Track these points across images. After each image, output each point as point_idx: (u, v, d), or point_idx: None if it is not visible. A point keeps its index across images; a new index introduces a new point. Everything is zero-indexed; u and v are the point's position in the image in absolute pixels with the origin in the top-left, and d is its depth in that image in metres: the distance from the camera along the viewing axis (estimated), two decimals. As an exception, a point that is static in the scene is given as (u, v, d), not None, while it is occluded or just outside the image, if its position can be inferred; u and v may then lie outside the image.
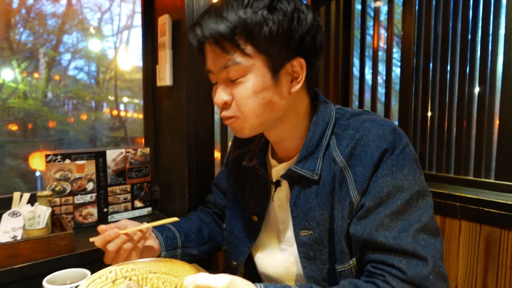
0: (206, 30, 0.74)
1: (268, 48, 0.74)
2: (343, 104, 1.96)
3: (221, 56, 0.75)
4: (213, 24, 0.73)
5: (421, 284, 0.69)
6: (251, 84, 0.75)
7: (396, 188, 0.73)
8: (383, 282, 0.70)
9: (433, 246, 0.72)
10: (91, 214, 1.42)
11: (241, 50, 0.74)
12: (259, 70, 0.75)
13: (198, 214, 1.18)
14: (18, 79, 1.49)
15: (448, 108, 1.53)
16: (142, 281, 0.82)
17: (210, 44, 0.76)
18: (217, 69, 0.78)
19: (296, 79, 0.79)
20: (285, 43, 0.75)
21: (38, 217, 1.15)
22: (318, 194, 0.83)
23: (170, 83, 1.46)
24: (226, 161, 1.14)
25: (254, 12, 0.72)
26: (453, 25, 1.52)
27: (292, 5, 0.75)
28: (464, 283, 1.33)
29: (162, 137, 1.62)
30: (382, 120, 0.81)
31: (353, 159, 0.78)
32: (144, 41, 1.64)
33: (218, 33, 0.73)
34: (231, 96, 0.78)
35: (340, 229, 0.79)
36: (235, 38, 0.73)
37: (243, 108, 0.77)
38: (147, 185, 1.58)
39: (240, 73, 0.75)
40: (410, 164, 0.76)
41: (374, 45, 1.85)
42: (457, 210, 1.32)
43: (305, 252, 0.86)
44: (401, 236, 0.71)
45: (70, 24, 1.60)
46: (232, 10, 0.73)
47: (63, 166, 1.34)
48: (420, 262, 0.70)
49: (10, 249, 1.06)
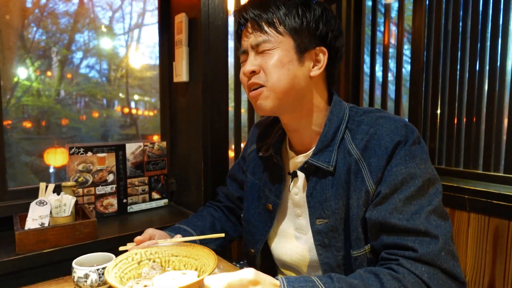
0: (250, 12, 0.88)
1: (297, 31, 0.86)
2: (353, 101, 1.99)
3: (258, 33, 0.87)
4: (256, 8, 0.88)
5: (434, 261, 0.73)
6: (278, 56, 0.86)
7: (410, 176, 0.79)
8: (397, 266, 0.74)
9: (443, 227, 0.77)
10: (112, 205, 1.49)
11: (275, 28, 0.86)
12: (286, 47, 0.86)
13: (208, 209, 1.23)
14: (32, 77, 1.53)
15: (458, 104, 1.55)
16: (165, 263, 0.88)
17: (251, 23, 0.89)
18: (251, 45, 0.89)
19: (318, 64, 0.90)
20: (312, 32, 0.88)
21: (64, 205, 1.21)
22: (333, 184, 0.89)
23: (186, 79, 1.52)
24: (243, 154, 1.20)
25: (290, 1, 0.87)
26: (463, 21, 1.54)
27: (322, 6, 0.90)
28: (473, 274, 1.36)
29: (178, 131, 1.68)
30: (394, 117, 0.87)
31: (368, 151, 0.84)
32: (160, 38, 1.70)
33: (259, 15, 0.87)
34: (259, 67, 0.88)
35: (355, 217, 0.85)
36: (272, 20, 0.86)
37: (269, 75, 0.87)
38: (164, 177, 1.64)
39: (270, 46, 0.86)
40: (421, 154, 0.82)
41: (384, 42, 1.88)
42: (465, 203, 1.35)
43: (321, 240, 0.91)
44: (414, 217, 0.77)
45: (82, 22, 1.64)
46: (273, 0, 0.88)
47: (85, 159, 1.41)
48: (432, 240, 0.75)
49: (39, 234, 1.13)
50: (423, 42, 1.66)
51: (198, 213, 1.21)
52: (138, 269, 0.85)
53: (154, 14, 1.79)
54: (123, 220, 1.48)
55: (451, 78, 1.58)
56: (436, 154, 1.63)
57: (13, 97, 1.41)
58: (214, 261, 0.80)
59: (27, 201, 1.26)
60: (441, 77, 1.61)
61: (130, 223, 1.44)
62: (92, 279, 0.86)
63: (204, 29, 1.42)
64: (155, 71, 1.81)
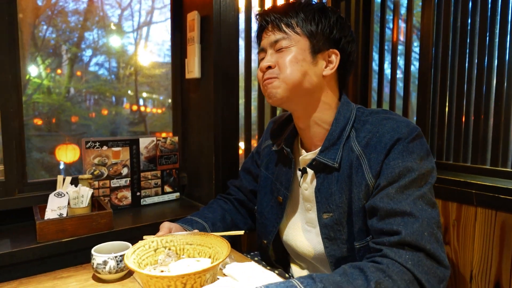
0: (271, 15, 0.97)
1: (313, 34, 0.94)
2: (362, 99, 2.01)
3: (277, 33, 0.95)
4: (278, 12, 0.97)
5: (417, 241, 0.75)
6: (293, 53, 0.93)
7: (406, 169, 0.83)
8: (381, 257, 0.76)
9: (429, 213, 0.80)
10: (126, 197, 1.54)
11: (293, 29, 0.94)
12: (301, 46, 0.94)
13: (219, 202, 1.26)
14: (42, 75, 1.56)
15: (466, 100, 1.56)
16: (180, 251, 0.92)
17: (271, 24, 0.97)
18: (270, 43, 0.97)
19: (330, 65, 0.97)
20: (327, 36, 0.95)
21: (81, 197, 1.26)
22: (338, 180, 0.93)
23: (198, 76, 1.55)
24: (257, 149, 1.25)
25: (308, 8, 0.96)
26: (471, 18, 1.55)
27: (337, 14, 0.98)
28: (479, 269, 1.38)
29: (190, 126, 1.72)
30: (399, 118, 0.92)
31: (369, 148, 0.89)
32: (173, 36, 1.73)
33: (279, 17, 0.95)
34: (275, 63, 0.96)
35: (357, 210, 0.89)
36: (291, 22, 0.94)
37: (282, 69, 0.94)
38: (176, 171, 1.69)
39: (287, 44, 0.94)
40: (419, 151, 0.86)
41: (393, 39, 1.89)
42: (473, 197, 1.37)
43: (327, 233, 0.95)
44: (402, 201, 0.80)
45: (92, 20, 1.66)
46: (293, 5, 0.97)
47: (100, 152, 1.46)
48: (416, 221, 0.78)
49: (58, 224, 1.18)
50: (431, 39, 1.67)
51: (209, 205, 1.25)
52: (154, 256, 0.89)
53: (163, 12, 1.82)
54: (136, 212, 1.52)
55: (460, 74, 1.59)
56: (444, 150, 1.65)
57: (24, 94, 1.44)
58: (227, 249, 0.83)
59: (46, 193, 1.32)
60: (450, 73, 1.62)
61: (144, 215, 1.49)
62: (110, 266, 0.91)
63: (216, 26, 1.46)
64: (163, 69, 1.84)
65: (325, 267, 1.02)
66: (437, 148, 1.66)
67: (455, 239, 1.45)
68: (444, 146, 1.65)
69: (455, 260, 1.46)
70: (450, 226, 1.46)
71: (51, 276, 0.95)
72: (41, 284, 0.91)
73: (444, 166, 1.61)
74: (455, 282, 1.46)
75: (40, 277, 0.94)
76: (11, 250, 1.10)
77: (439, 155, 1.66)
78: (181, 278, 0.71)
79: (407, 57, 1.80)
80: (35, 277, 0.94)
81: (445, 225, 1.48)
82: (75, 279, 0.94)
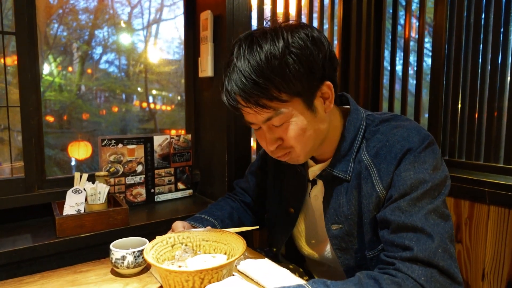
0: (239, 95, 0.80)
1: (299, 89, 0.80)
2: (373, 97, 2.01)
3: (262, 112, 0.81)
4: (244, 88, 0.78)
5: (431, 258, 0.73)
6: (296, 125, 0.83)
7: (418, 181, 0.79)
8: (395, 271, 0.75)
9: (441, 227, 0.76)
10: (140, 194, 1.57)
11: (278, 100, 0.79)
12: (299, 111, 0.82)
13: (227, 200, 1.26)
14: (54, 72, 1.58)
15: (479, 98, 1.55)
16: (196, 247, 0.94)
17: (248, 105, 0.81)
18: (260, 121, 0.84)
19: (327, 99, 0.87)
20: (311, 78, 0.81)
21: (98, 193, 1.29)
22: (347, 191, 0.92)
23: (211, 74, 1.57)
24: (263, 154, 1.22)
25: (277, 62, 0.76)
26: (485, 13, 1.53)
27: (304, 38, 0.79)
28: (492, 267, 1.38)
29: (203, 124, 1.74)
30: (409, 124, 0.88)
31: (378, 158, 0.86)
32: (186, 35, 1.75)
33: (253, 95, 0.78)
34: (280, 140, 0.87)
35: (367, 221, 0.88)
36: (269, 93, 0.78)
37: (295, 145, 0.86)
38: (189, 168, 1.71)
39: (284, 119, 0.82)
40: (431, 160, 0.82)
41: (405, 35, 1.88)
42: (486, 196, 1.37)
43: (338, 244, 0.95)
44: (413, 215, 0.77)
45: (102, 18, 1.68)
46: (254, 67, 0.76)
47: (116, 150, 1.49)
48: (428, 238, 0.74)
49: (76, 220, 1.21)
50: (444, 35, 1.66)
51: (217, 203, 1.25)
52: (171, 251, 0.91)
53: (172, 9, 1.83)
54: (151, 208, 1.55)
55: (473, 71, 1.58)
56: (456, 148, 1.64)
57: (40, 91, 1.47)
58: (242, 246, 0.85)
59: (63, 189, 1.35)
60: (463, 70, 1.61)
61: (158, 212, 1.52)
62: (129, 261, 0.93)
63: (229, 25, 1.47)
64: (172, 66, 1.86)
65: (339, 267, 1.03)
66: (449, 146, 1.65)
67: (467, 237, 1.45)
68: (457, 143, 1.64)
69: (467, 259, 1.46)
70: (462, 224, 1.46)
71: (71, 270, 0.98)
72: (62, 277, 0.94)
73: (457, 164, 1.61)
74: (467, 281, 1.46)
75: (61, 271, 0.98)
76: (33, 245, 1.14)
77: (451, 153, 1.65)
78: (199, 273, 0.73)
79: (419, 53, 1.79)
80: (56, 271, 0.97)
81: (457, 223, 1.48)
82: (94, 273, 0.97)
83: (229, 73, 0.81)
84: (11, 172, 1.40)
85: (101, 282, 0.92)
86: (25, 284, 0.90)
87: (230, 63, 0.82)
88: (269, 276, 0.90)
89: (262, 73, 0.76)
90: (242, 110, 0.85)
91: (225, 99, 0.84)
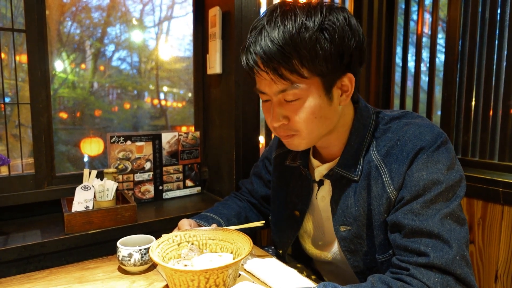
0: (260, 57, 0.76)
1: (323, 69, 0.77)
2: (384, 93, 1.97)
3: (278, 81, 0.77)
4: (268, 51, 0.75)
5: (448, 266, 0.70)
6: (309, 106, 0.79)
7: (432, 182, 0.76)
8: (409, 277, 0.72)
9: (457, 232, 0.73)
10: (149, 191, 1.57)
11: (299, 74, 0.76)
12: (315, 92, 0.79)
13: (233, 199, 1.25)
14: (67, 70, 1.60)
15: (494, 95, 1.52)
16: (202, 246, 0.94)
17: (266, 70, 0.77)
18: (273, 92, 0.81)
19: (346, 92, 0.83)
20: (338, 62, 0.78)
21: (107, 190, 1.30)
22: (356, 192, 0.89)
23: (219, 71, 1.56)
24: (267, 155, 1.20)
25: (308, 34, 0.74)
26: (501, 8, 1.49)
27: (342, 20, 0.77)
28: (505, 269, 1.35)
29: (211, 121, 1.73)
30: (421, 121, 0.84)
31: (389, 157, 0.83)
32: (194, 31, 1.75)
33: (274, 60, 0.75)
34: (288, 117, 0.82)
35: (378, 223, 0.84)
36: (291, 63, 0.75)
37: (301, 127, 0.82)
38: (197, 166, 1.71)
39: (298, 95, 0.79)
40: (445, 160, 0.78)
41: (418, 31, 1.85)
42: (500, 196, 1.33)
43: (346, 245, 0.92)
44: (428, 219, 0.74)
45: (114, 16, 1.68)
46: (284, 33, 0.74)
47: (125, 147, 1.49)
48: (444, 245, 0.71)
49: (85, 216, 1.22)
50: (458, 31, 1.62)
51: (224, 202, 1.23)
52: (178, 250, 0.91)
53: (183, 6, 1.83)
54: (159, 205, 1.56)
55: (487, 68, 1.54)
56: (470, 146, 1.60)
57: (50, 89, 1.48)
58: (249, 245, 0.84)
59: (72, 185, 1.36)
60: (477, 67, 1.57)
61: (166, 209, 1.52)
62: (135, 259, 0.93)
63: (237, 22, 1.46)
64: (184, 63, 1.86)
65: (348, 267, 1.00)
66: (463, 144, 1.62)
67: (480, 238, 1.42)
68: (470, 142, 1.60)
69: (480, 260, 1.43)
70: (475, 224, 1.43)
71: (79, 266, 0.99)
72: (70, 274, 0.94)
73: (470, 163, 1.57)
74: (479, 282, 1.43)
75: (69, 267, 0.98)
76: (42, 241, 1.15)
77: (464, 151, 1.62)
78: (204, 273, 0.73)
79: (432, 50, 1.76)
80: (65, 267, 0.98)
81: (470, 223, 1.44)
82: (101, 270, 0.97)
83: (256, 34, 0.78)
84: (22, 168, 1.42)
85: (108, 279, 0.92)
86: (33, 279, 0.91)
87: (259, 25, 0.79)
88: (277, 277, 0.89)
89: (290, 41, 0.73)
90: (257, 75, 0.82)
91: (244, 59, 0.80)
